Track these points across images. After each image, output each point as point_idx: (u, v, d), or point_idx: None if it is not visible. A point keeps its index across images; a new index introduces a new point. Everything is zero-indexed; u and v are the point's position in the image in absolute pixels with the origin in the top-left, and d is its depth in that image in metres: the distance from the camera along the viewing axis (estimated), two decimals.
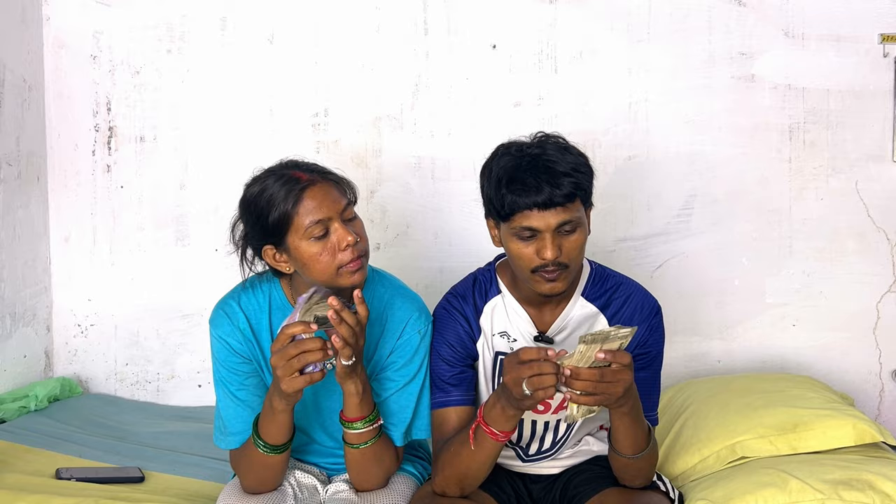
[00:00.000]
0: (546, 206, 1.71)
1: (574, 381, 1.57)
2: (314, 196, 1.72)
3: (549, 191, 1.70)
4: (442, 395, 1.90)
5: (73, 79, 2.93)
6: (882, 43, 2.85)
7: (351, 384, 1.72)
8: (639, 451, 1.78)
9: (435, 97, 2.90)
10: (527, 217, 1.72)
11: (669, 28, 2.88)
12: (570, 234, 1.75)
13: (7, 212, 2.70)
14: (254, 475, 1.82)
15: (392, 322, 1.86)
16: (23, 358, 2.81)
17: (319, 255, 1.72)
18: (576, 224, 1.75)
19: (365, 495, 1.87)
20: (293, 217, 1.72)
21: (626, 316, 1.89)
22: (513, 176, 1.73)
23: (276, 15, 2.91)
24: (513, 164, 1.74)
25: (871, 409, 2.91)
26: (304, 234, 1.72)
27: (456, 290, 1.96)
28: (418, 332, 1.86)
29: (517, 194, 1.71)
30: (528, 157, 1.74)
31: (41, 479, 2.11)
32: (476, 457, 1.75)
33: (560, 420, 1.92)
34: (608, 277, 1.93)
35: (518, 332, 1.89)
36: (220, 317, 1.86)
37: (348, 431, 1.77)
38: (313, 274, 1.75)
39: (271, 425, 1.74)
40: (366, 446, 1.79)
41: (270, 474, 1.81)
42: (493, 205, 1.77)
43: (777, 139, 2.89)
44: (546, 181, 1.70)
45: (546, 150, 1.75)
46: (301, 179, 1.74)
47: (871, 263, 2.90)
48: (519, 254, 1.76)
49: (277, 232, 1.74)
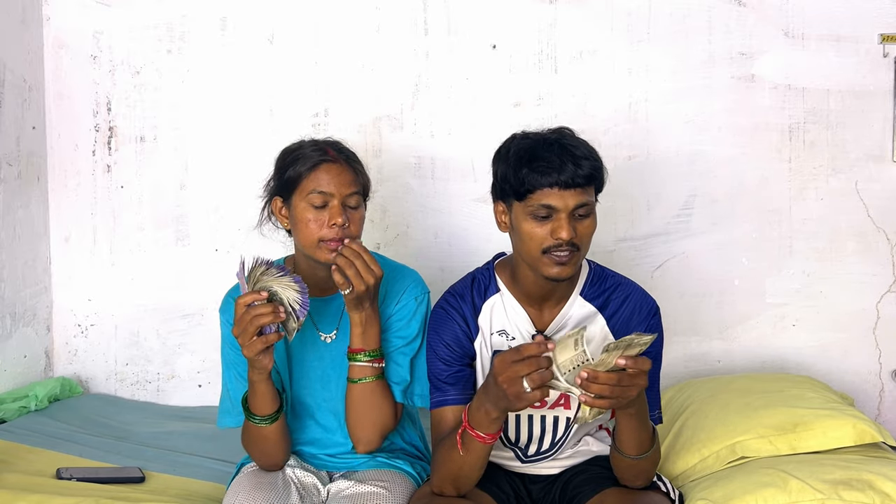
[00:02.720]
0: (567, 186, 1.73)
1: (591, 385, 1.58)
2: (329, 171, 1.91)
3: (573, 169, 1.73)
4: (439, 394, 1.90)
5: (73, 79, 2.93)
6: (882, 43, 2.85)
7: (356, 314, 1.89)
8: (643, 451, 1.78)
9: (435, 97, 2.90)
10: (546, 195, 1.74)
11: (669, 28, 2.88)
12: (583, 219, 1.78)
13: (7, 212, 2.70)
14: (257, 449, 1.96)
15: (391, 293, 2.00)
16: (23, 358, 2.81)
17: (309, 222, 1.89)
18: (590, 209, 1.79)
19: (365, 495, 1.88)
20: (303, 178, 1.91)
21: (624, 316, 1.89)
22: (535, 154, 1.75)
23: (276, 15, 2.90)
24: (533, 145, 1.78)
25: (871, 409, 2.91)
26: (305, 196, 1.90)
27: (454, 289, 1.96)
28: (415, 298, 2.00)
29: (539, 172, 1.73)
30: (548, 139, 1.79)
31: (42, 479, 2.11)
32: (466, 459, 1.76)
33: (559, 420, 1.92)
34: (607, 277, 1.93)
35: (517, 330, 1.89)
36: (228, 303, 2.00)
37: (352, 364, 1.91)
38: (299, 237, 1.93)
39: (255, 398, 1.88)
40: (365, 382, 1.91)
41: (270, 446, 1.95)
42: (508, 184, 1.79)
43: (777, 139, 2.89)
44: (570, 160, 1.74)
45: (564, 136, 1.80)
46: (328, 154, 1.93)
47: (871, 263, 2.90)
48: (532, 234, 1.77)
49: (289, 186, 1.93)
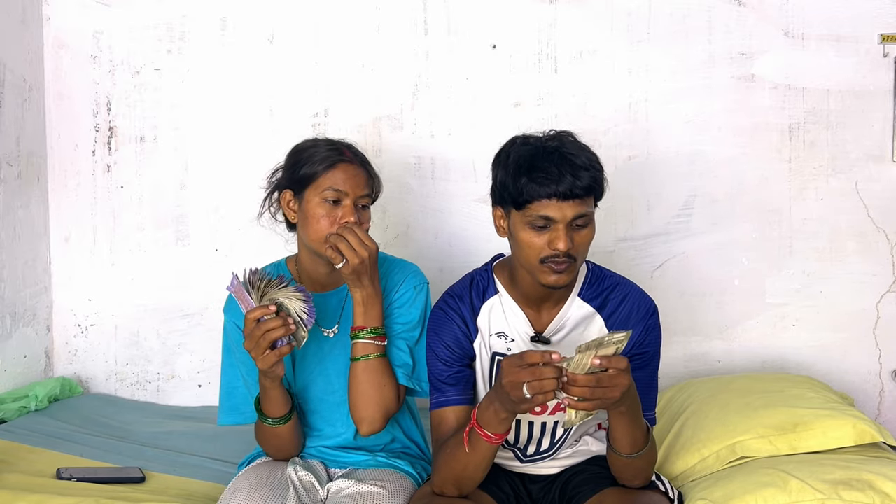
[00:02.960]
0: (565, 197, 1.71)
1: (571, 388, 1.57)
2: (346, 170, 1.94)
3: (571, 181, 1.71)
4: (440, 395, 1.90)
5: (73, 79, 2.93)
6: (882, 43, 2.85)
7: (357, 292, 1.92)
8: (637, 450, 1.77)
9: (435, 97, 2.90)
10: (544, 206, 1.72)
11: (669, 28, 2.88)
12: (581, 229, 1.76)
13: (7, 212, 2.70)
14: (271, 445, 2.02)
15: (390, 283, 2.04)
16: (23, 358, 2.81)
17: (320, 218, 1.92)
18: (588, 219, 1.76)
19: (365, 495, 1.88)
20: (319, 176, 1.93)
21: (622, 316, 1.89)
22: (533, 164, 1.73)
23: (276, 15, 2.90)
24: (533, 153, 1.75)
25: (871, 409, 2.91)
26: (320, 192, 1.92)
27: (453, 290, 1.96)
28: (413, 287, 2.03)
29: (538, 182, 1.71)
30: (548, 147, 1.75)
31: (42, 479, 2.11)
32: (471, 458, 1.75)
33: (558, 422, 1.92)
34: (605, 278, 1.93)
35: (515, 332, 1.89)
36: (232, 302, 1.99)
37: (355, 342, 1.93)
38: (308, 231, 1.94)
39: (268, 402, 1.92)
40: (367, 359, 1.92)
41: (284, 442, 2.00)
42: (507, 191, 1.77)
43: (777, 139, 2.89)
44: (568, 171, 1.71)
45: (564, 144, 1.77)
46: (344, 155, 1.96)
47: (871, 263, 2.90)
48: (530, 243, 1.76)
49: (302, 182, 1.95)
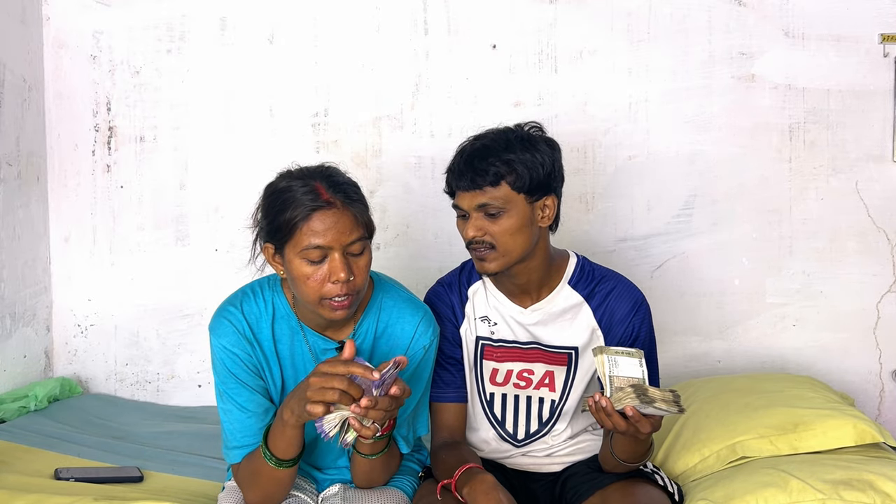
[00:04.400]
0: (465, 189, 1.87)
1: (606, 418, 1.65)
2: (324, 220, 1.65)
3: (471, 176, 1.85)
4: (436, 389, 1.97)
5: (73, 79, 2.93)
6: (882, 43, 2.85)
7: None
8: (636, 461, 1.84)
9: (435, 97, 2.90)
10: (458, 197, 1.90)
11: (669, 28, 2.88)
12: (495, 218, 1.84)
13: (7, 212, 2.70)
14: (260, 489, 1.74)
15: (397, 337, 1.82)
16: (23, 358, 2.80)
17: (308, 279, 1.67)
18: (499, 209, 1.83)
19: (366, 495, 1.87)
20: (296, 230, 1.66)
21: (610, 307, 1.93)
22: (452, 163, 1.91)
23: (276, 15, 2.90)
24: (459, 150, 1.90)
25: (872, 409, 2.91)
26: (300, 251, 1.66)
27: (443, 278, 2.05)
28: (423, 347, 1.83)
29: (450, 173, 1.90)
30: (470, 146, 1.89)
31: (40, 479, 2.11)
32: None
33: (544, 402, 1.95)
34: (595, 269, 1.99)
35: (499, 315, 1.96)
36: (223, 325, 1.77)
37: (362, 442, 1.72)
38: (298, 292, 1.70)
39: (280, 439, 1.67)
40: (376, 457, 1.76)
41: (279, 489, 1.74)
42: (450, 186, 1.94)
43: (777, 139, 2.89)
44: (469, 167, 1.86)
45: (488, 137, 1.88)
46: (320, 197, 1.66)
47: (871, 263, 2.90)
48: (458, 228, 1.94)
49: (280, 236, 1.68)
